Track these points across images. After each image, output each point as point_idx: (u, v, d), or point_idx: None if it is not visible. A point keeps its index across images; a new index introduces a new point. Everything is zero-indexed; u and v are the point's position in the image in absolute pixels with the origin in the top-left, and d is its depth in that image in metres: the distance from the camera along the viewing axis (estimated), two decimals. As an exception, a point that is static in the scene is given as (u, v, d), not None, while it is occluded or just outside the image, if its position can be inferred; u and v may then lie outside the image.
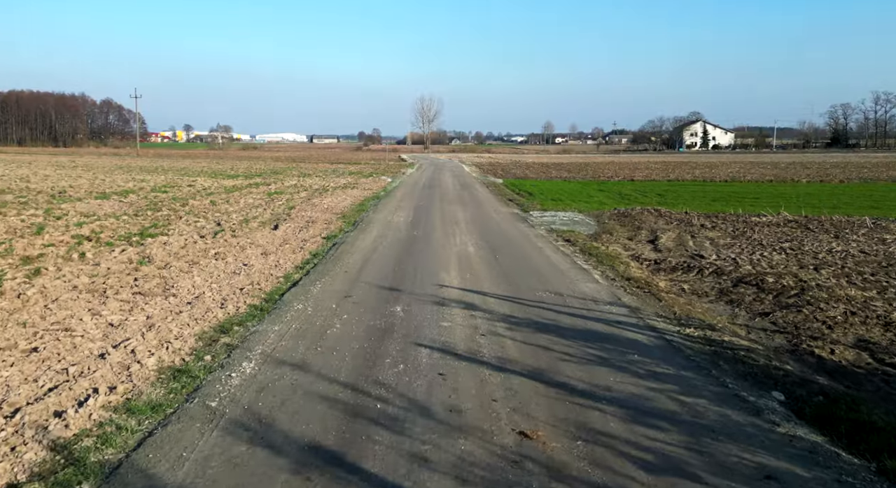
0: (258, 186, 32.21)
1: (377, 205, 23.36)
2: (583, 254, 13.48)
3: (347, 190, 30.89)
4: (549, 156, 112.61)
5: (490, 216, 20.17)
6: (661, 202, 25.46)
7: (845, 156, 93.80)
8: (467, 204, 24.18)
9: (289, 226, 17.50)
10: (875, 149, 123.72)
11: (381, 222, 18.27)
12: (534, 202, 24.90)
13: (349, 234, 15.92)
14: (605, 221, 18.58)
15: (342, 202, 24.34)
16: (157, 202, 22.77)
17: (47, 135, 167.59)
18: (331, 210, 21.59)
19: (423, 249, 13.62)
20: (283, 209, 21.66)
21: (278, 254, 13.13)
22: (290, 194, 27.62)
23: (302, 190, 30.30)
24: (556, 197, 27.31)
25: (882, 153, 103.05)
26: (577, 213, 20.69)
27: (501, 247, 13.93)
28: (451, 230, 16.66)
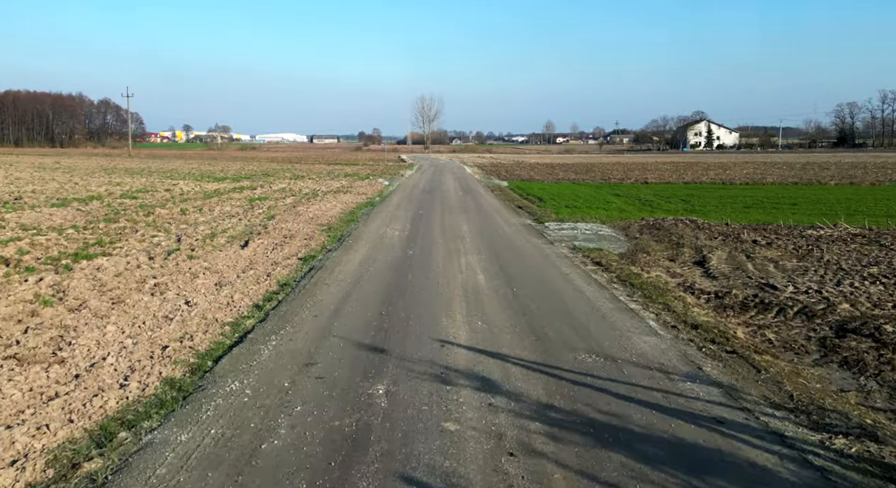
0: (242, 190, 29.32)
1: (370, 214, 20.45)
2: (622, 283, 10.57)
3: (339, 195, 27.98)
4: (551, 156, 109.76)
5: (499, 228, 17.25)
6: (689, 209, 22.55)
7: (856, 155, 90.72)
8: (471, 212, 21.26)
9: (262, 242, 14.59)
10: (882, 148, 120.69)
11: (371, 237, 15.36)
12: (546, 210, 21.99)
13: (332, 255, 13.01)
14: (636, 236, 15.66)
15: (331, 210, 21.44)
16: (120, 211, 19.87)
17: (44, 136, 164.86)
18: (316, 220, 18.68)
19: (420, 279, 10.71)
20: (262, 219, 18.76)
21: (236, 286, 10.23)
22: (275, 200, 24.71)
23: (289, 195, 27.39)
24: (571, 203, 24.39)
25: (891, 152, 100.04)
26: (599, 225, 17.77)
27: (518, 275, 11.02)
28: (455, 248, 13.75)
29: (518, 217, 20.17)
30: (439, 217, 19.67)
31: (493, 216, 20.19)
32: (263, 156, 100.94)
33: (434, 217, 19.68)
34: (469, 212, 21.32)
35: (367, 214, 20.43)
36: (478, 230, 16.69)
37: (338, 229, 16.88)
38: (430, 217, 19.68)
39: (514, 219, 19.34)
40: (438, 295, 9.55)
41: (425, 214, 20.39)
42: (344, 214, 20.28)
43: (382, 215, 20.08)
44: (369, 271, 11.29)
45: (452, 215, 20.20)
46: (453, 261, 12.29)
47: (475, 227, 17.21)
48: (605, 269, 11.72)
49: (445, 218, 19.41)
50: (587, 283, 10.46)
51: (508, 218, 19.81)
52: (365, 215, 20.24)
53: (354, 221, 18.63)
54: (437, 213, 20.66)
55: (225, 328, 7.99)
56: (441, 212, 21.23)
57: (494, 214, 20.76)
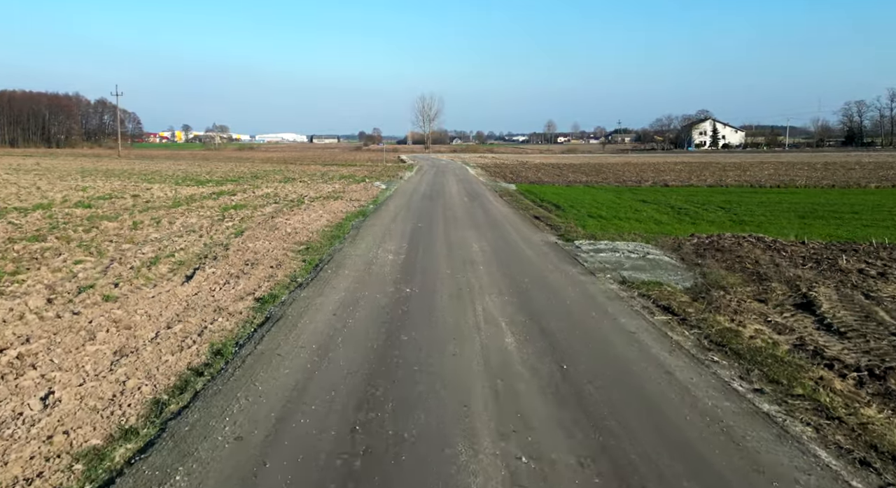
0: (220, 196, 25.81)
1: (360, 228, 16.93)
2: (719, 350, 7.05)
3: (329, 202, 24.47)
4: (555, 156, 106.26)
5: (519, 250, 13.72)
6: (736, 220, 19.04)
7: (870, 154, 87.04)
8: (481, 225, 17.73)
9: (214, 272, 11.09)
10: (892, 147, 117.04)
11: (357, 264, 11.84)
12: (569, 221, 18.46)
13: (300, 294, 9.49)
14: (697, 260, 12.12)
15: (315, 222, 17.92)
16: (59, 224, 16.35)
17: (40, 136, 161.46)
18: (294, 237, 15.18)
19: (418, 345, 7.18)
20: (228, 235, 15.26)
21: (143, 357, 6.74)
22: (253, 209, 21.20)
23: (271, 202, 23.87)
24: (595, 212, 20.86)
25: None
26: (642, 244, 14.23)
27: (563, 335, 7.48)
28: (466, 283, 10.23)
29: (538, 231, 16.63)
30: (443, 232, 16.14)
31: (508, 231, 16.66)
32: (260, 156, 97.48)
33: (437, 232, 16.15)
34: (478, 225, 17.79)
35: (356, 228, 16.91)
36: (492, 252, 13.16)
37: (317, 250, 13.36)
38: (431, 232, 16.14)
39: (535, 236, 15.80)
40: (447, 382, 6.02)
41: (426, 228, 16.86)
42: (329, 228, 16.76)
43: (375, 230, 16.56)
44: (347, 327, 7.77)
45: (458, 230, 16.67)
46: (465, 306, 8.76)
47: (488, 248, 13.68)
48: (681, 321, 8.19)
49: (451, 233, 15.88)
50: (669, 351, 6.93)
51: (527, 233, 16.27)
52: (354, 229, 16.72)
53: (340, 238, 15.11)
54: (440, 227, 17.13)
55: (70, 472, 4.48)
56: (445, 225, 17.69)
57: (509, 228, 17.23)
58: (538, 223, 18.35)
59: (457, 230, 16.52)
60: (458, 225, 17.63)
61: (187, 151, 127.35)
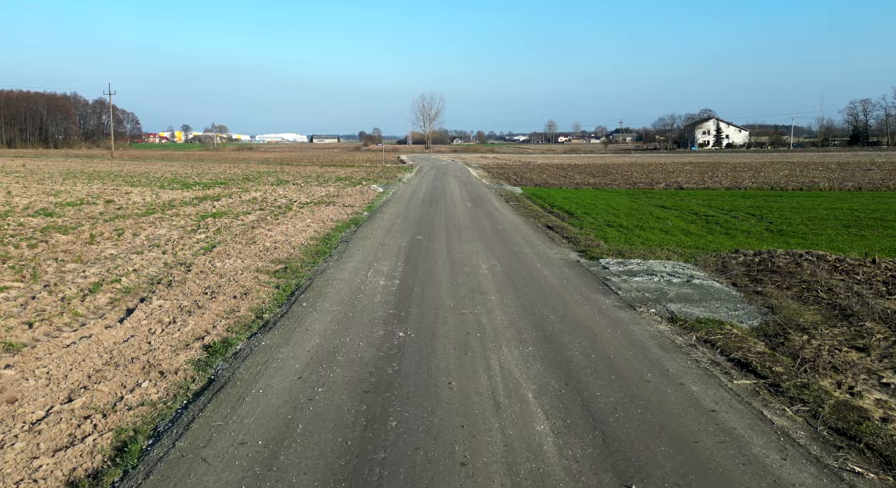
0: (203, 201, 23.61)
1: (351, 241, 14.72)
2: (849, 446, 4.82)
3: (320, 207, 22.26)
4: (558, 156, 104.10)
5: (536, 272, 11.49)
6: (773, 230, 16.81)
7: (880, 154, 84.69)
8: (489, 237, 15.50)
9: (162, 304, 8.88)
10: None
11: (341, 293, 9.62)
12: (587, 232, 16.24)
13: (261, 342, 7.26)
14: (755, 288, 9.87)
15: (299, 234, 15.71)
16: (4, 237, 14.14)
17: (38, 136, 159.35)
18: (272, 253, 12.97)
19: (412, 434, 4.97)
20: (196, 251, 13.06)
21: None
22: (234, 217, 18.99)
23: (257, 208, 21.66)
24: (613, 220, 18.62)
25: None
26: (681, 263, 11.96)
27: (617, 417, 5.24)
28: (475, 320, 8.02)
29: (555, 245, 14.39)
30: (445, 246, 13.92)
31: (520, 244, 14.43)
32: (257, 156, 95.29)
33: (438, 246, 13.92)
34: (485, 236, 15.56)
35: (346, 241, 14.69)
36: (504, 275, 10.94)
37: (296, 272, 11.15)
38: (432, 247, 13.92)
39: (551, 251, 13.56)
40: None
41: (426, 241, 14.64)
42: (315, 242, 14.54)
43: (367, 243, 14.33)
44: (314, 402, 5.54)
45: (463, 242, 14.44)
46: (476, 363, 6.53)
47: (499, 268, 11.45)
48: (772, 388, 5.96)
49: (454, 248, 13.65)
50: (780, 451, 4.68)
51: (542, 247, 14.03)
52: (343, 243, 14.51)
53: (326, 255, 12.90)
54: (442, 240, 14.90)
55: None
56: (447, 236, 15.46)
57: (520, 240, 15.00)
58: (552, 234, 16.11)
59: (461, 243, 14.29)
60: (463, 236, 15.41)
61: (183, 152, 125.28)
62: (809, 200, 25.06)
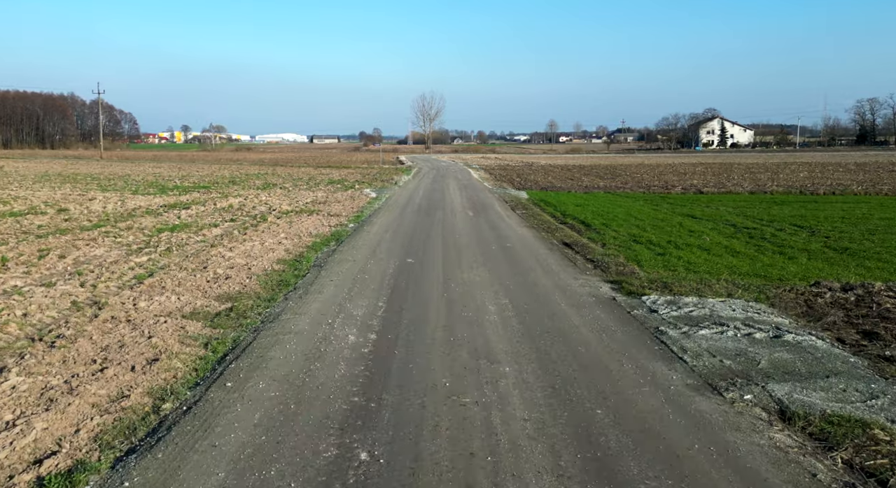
0: (171, 210, 20.73)
1: (325, 266, 11.81)
2: None
3: (301, 217, 19.37)
4: (561, 157, 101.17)
5: (562, 318, 8.57)
6: (835, 248, 13.90)
7: (893, 154, 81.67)
8: (496, 261, 12.59)
9: (22, 382, 5.98)
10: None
11: (288, 360, 6.69)
12: (615, 252, 13.32)
13: (145, 460, 4.35)
14: (880, 351, 6.97)
15: (265, 255, 12.81)
16: None
17: (34, 137, 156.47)
18: (220, 284, 10.07)
19: None
20: (125, 282, 10.17)
21: None
22: (196, 230, 16.10)
23: (227, 219, 18.76)
24: (640, 235, 15.71)
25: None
26: (752, 303, 9.03)
27: None
28: (484, 422, 5.14)
29: (577, 271, 11.45)
30: (441, 274, 11.01)
31: (534, 270, 11.51)
32: (253, 157, 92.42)
33: (432, 275, 11.01)
34: (491, 258, 12.65)
35: (319, 266, 11.77)
36: (520, 324, 8.03)
37: (241, 318, 8.25)
38: (424, 277, 11.01)
39: (576, 281, 10.63)
40: None
41: (418, 267, 11.74)
42: (280, 267, 11.64)
43: (344, 270, 11.42)
44: None
45: (464, 268, 11.53)
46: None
47: (512, 311, 8.54)
48: None
49: (453, 277, 10.74)
50: None
51: (563, 275, 11.10)
52: (316, 268, 11.60)
53: (289, 287, 10.01)
54: (438, 264, 11.98)
55: None
56: (444, 259, 12.55)
57: (534, 265, 12.08)
58: (572, 255, 13.18)
59: (461, 269, 11.38)
60: (464, 258, 12.50)
61: (178, 152, 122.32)
62: (853, 207, 22.13)
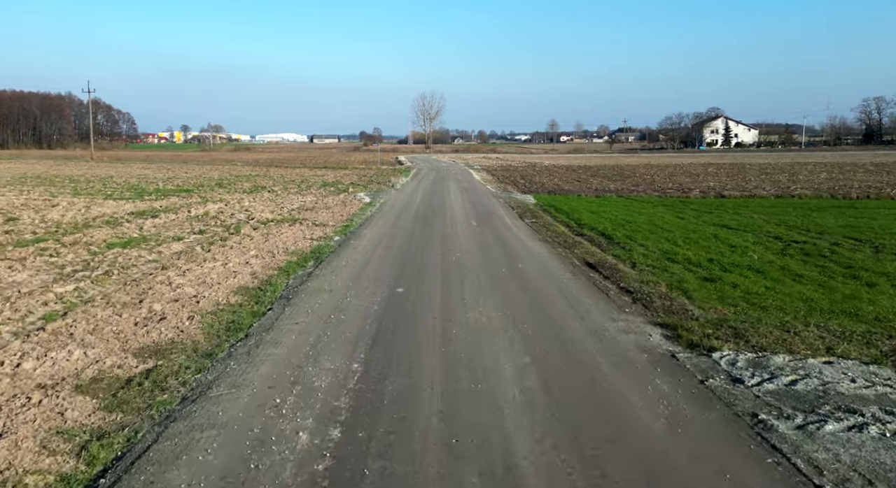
0: (139, 218, 18.26)
1: (292, 302, 9.31)
2: None
3: (282, 227, 16.89)
4: (564, 157, 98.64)
5: (610, 394, 6.09)
6: None
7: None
8: (509, 292, 10.09)
9: None
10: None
11: (215, 463, 4.20)
12: (653, 278, 10.81)
13: None
14: None
15: (222, 283, 10.30)
16: None
17: (31, 137, 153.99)
18: (147, 333, 7.59)
19: None
20: (20, 329, 7.69)
21: None
22: (151, 248, 13.62)
23: (195, 230, 16.27)
24: (674, 252, 13.19)
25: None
26: (873, 367, 6.57)
27: None
28: None
29: (613, 307, 8.93)
30: (439, 315, 8.51)
31: (559, 307, 9.01)
32: (249, 157, 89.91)
33: (427, 317, 8.52)
34: (502, 288, 10.15)
35: (286, 301, 9.28)
36: (547, 395, 5.57)
37: (156, 392, 5.77)
38: (418, 316, 8.51)
39: (615, 324, 8.11)
40: None
41: (409, 303, 9.24)
42: (237, 300, 9.15)
43: (317, 305, 8.93)
44: None
45: (468, 305, 9.03)
46: None
47: (537, 380, 6.05)
48: None
49: (454, 320, 8.24)
50: None
51: (595, 314, 8.59)
52: (281, 302, 9.12)
53: (239, 333, 7.52)
54: (436, 298, 9.48)
55: None
56: (444, 290, 10.04)
57: (557, 298, 9.57)
58: (600, 280, 10.67)
59: (465, 306, 8.88)
60: (467, 288, 10.01)
61: (173, 153, 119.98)
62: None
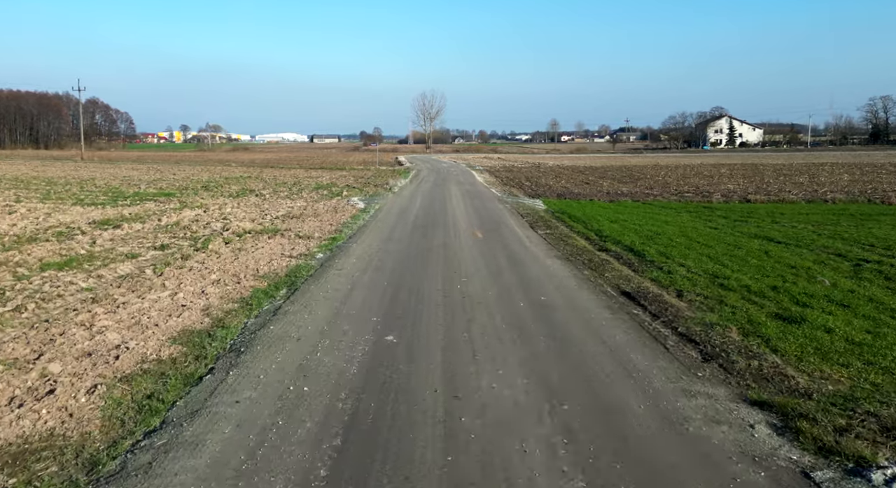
0: (98, 229, 15.91)
1: (247, 352, 6.93)
2: None
3: (259, 242, 14.51)
4: (566, 156, 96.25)
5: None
6: None
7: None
8: (533, 335, 7.73)
9: None
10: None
11: None
12: (714, 315, 8.44)
13: None
14: None
15: (171, 318, 7.93)
16: None
17: (28, 137, 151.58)
18: (28, 411, 5.23)
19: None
20: None
21: None
22: (95, 268, 11.25)
23: (159, 242, 13.89)
24: (724, 275, 10.79)
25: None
26: None
27: None
28: None
29: (678, 369, 6.56)
30: (440, 382, 6.15)
31: (603, 364, 6.66)
32: (246, 158, 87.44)
33: (424, 385, 6.15)
34: (522, 333, 7.78)
35: (236, 354, 6.90)
36: None
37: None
38: (413, 387, 6.14)
39: (690, 403, 5.75)
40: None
41: (402, 359, 6.86)
42: (171, 356, 6.77)
43: (275, 364, 6.55)
44: None
45: (479, 362, 6.66)
46: None
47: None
48: None
49: (461, 390, 5.89)
50: None
51: (658, 380, 6.22)
52: (228, 360, 6.74)
53: (152, 418, 5.15)
54: (435, 354, 7.09)
55: None
56: (446, 337, 7.66)
57: (598, 349, 7.21)
58: (647, 321, 8.27)
59: (476, 369, 6.49)
60: (477, 332, 7.63)
61: (170, 153, 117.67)
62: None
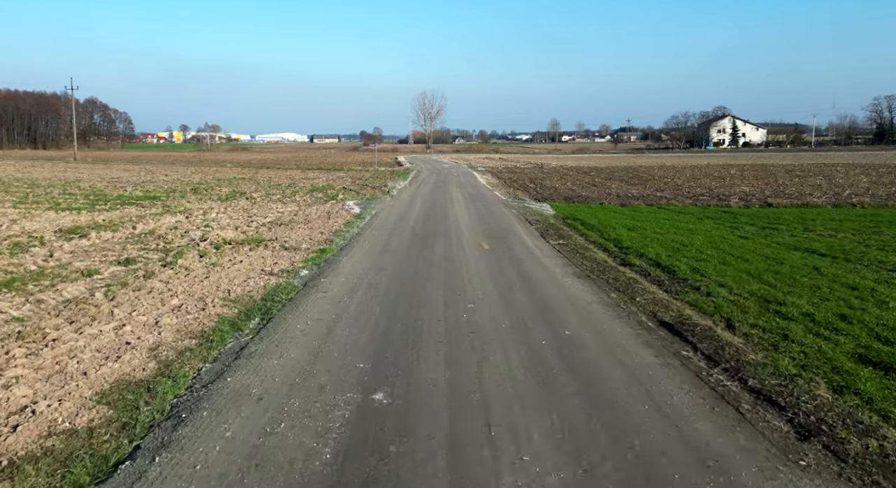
0: (62, 238, 14.22)
1: (188, 423, 5.24)
2: None
3: (238, 254, 12.82)
4: (568, 157, 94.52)
5: None
6: None
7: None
8: (559, 391, 6.09)
9: None
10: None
11: None
12: (780, 353, 6.76)
13: None
14: None
15: (106, 365, 6.23)
16: None
17: (26, 136, 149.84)
18: None
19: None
20: None
21: None
22: (37, 292, 9.54)
23: (124, 256, 12.19)
24: (773, 296, 9.08)
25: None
26: None
27: None
28: None
29: (769, 452, 4.91)
30: (446, 461, 4.46)
31: (662, 444, 4.99)
32: (243, 158, 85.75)
33: (423, 462, 4.46)
34: (547, 388, 6.10)
35: (176, 421, 5.21)
36: None
37: None
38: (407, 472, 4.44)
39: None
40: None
41: (391, 430, 5.17)
42: (84, 429, 5.05)
43: (225, 439, 4.87)
44: None
45: (498, 438, 4.98)
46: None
47: None
48: None
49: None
50: None
51: (745, 470, 4.56)
52: (166, 430, 5.04)
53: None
54: (441, 412, 5.42)
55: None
56: (449, 385, 5.98)
57: (649, 415, 5.55)
58: (703, 369, 6.58)
59: (493, 452, 4.81)
60: (490, 385, 5.94)
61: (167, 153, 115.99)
62: None
